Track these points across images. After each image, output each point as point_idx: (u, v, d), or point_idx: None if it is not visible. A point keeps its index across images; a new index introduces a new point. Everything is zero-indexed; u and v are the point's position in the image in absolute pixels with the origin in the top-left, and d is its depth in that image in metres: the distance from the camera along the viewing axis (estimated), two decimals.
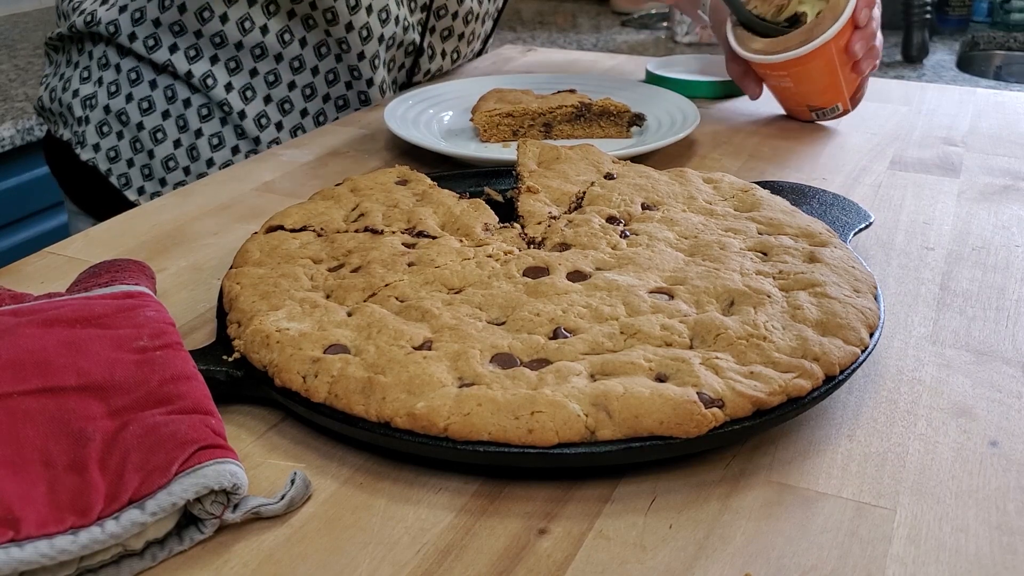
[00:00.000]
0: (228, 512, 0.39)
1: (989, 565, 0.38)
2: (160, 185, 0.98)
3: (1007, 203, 0.74)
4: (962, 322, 0.56)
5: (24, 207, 1.69)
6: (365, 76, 1.00)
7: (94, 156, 0.98)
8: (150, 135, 0.96)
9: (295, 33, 0.95)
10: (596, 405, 0.42)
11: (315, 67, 0.98)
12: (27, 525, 0.35)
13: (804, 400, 0.44)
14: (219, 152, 0.97)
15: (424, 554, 0.39)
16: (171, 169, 0.97)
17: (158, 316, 0.48)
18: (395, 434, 0.42)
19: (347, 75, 0.99)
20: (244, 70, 0.96)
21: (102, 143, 0.98)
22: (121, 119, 0.97)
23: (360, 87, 1.01)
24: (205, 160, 0.97)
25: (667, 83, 1.02)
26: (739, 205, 0.63)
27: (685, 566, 0.38)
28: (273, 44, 0.95)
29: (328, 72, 0.98)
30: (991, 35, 2.18)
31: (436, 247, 0.56)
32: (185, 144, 0.97)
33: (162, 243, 0.68)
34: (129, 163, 0.98)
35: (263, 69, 0.96)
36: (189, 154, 0.97)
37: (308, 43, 0.96)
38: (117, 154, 0.98)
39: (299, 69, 0.97)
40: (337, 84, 0.99)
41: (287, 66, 0.97)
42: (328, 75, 0.99)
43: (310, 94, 0.98)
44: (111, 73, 0.97)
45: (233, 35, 0.94)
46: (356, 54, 0.98)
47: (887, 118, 0.95)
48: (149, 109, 0.96)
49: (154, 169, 0.98)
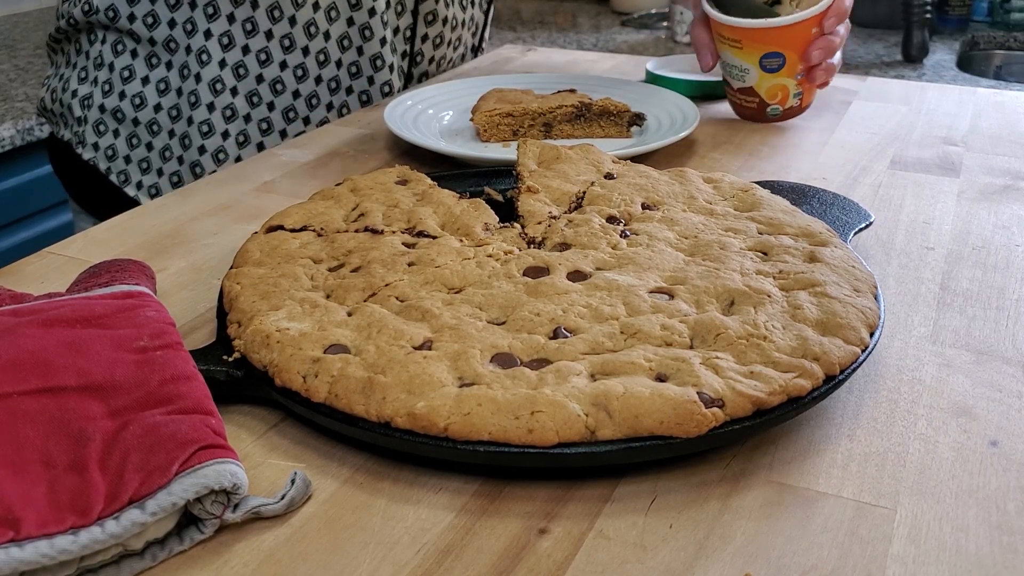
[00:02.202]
0: (228, 512, 0.39)
1: (989, 565, 0.38)
2: (157, 176, 0.99)
3: (1007, 203, 0.74)
4: (962, 322, 0.56)
5: (25, 207, 1.69)
6: (369, 53, 0.99)
7: (94, 155, 0.99)
8: (146, 128, 0.97)
9: (284, 11, 0.95)
10: (596, 405, 0.42)
11: (305, 47, 0.97)
12: (27, 525, 0.35)
13: (804, 400, 0.44)
14: (209, 139, 0.97)
15: (424, 554, 0.39)
16: (167, 159, 0.98)
17: (158, 316, 0.48)
18: (395, 434, 0.42)
19: (337, 53, 0.99)
20: (236, 46, 0.96)
21: (100, 142, 0.99)
22: (116, 116, 0.98)
23: (357, 69, 1.00)
24: (196, 147, 0.98)
25: (667, 83, 1.02)
26: (739, 205, 0.63)
27: (685, 566, 0.38)
28: (264, 21, 0.95)
29: (319, 53, 0.98)
30: (991, 35, 2.18)
31: (436, 247, 0.56)
32: (178, 133, 0.97)
33: (162, 243, 0.68)
34: (127, 159, 0.99)
35: (255, 47, 0.96)
36: (182, 143, 0.97)
37: (297, 21, 0.96)
38: (115, 152, 0.99)
39: (290, 48, 0.97)
40: (328, 65, 0.99)
41: (278, 45, 0.97)
42: (319, 55, 0.98)
43: (301, 75, 0.98)
44: (104, 72, 0.98)
45: (225, 7, 0.94)
46: (350, 26, 0.97)
47: (887, 118, 0.95)
48: (141, 105, 0.97)
49: (151, 162, 0.99)
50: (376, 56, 1.00)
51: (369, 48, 1.00)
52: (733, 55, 0.89)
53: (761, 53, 0.87)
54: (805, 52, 0.86)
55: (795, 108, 0.92)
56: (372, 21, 0.98)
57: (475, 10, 1.14)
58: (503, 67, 1.18)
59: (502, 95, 0.91)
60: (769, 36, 0.86)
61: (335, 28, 0.97)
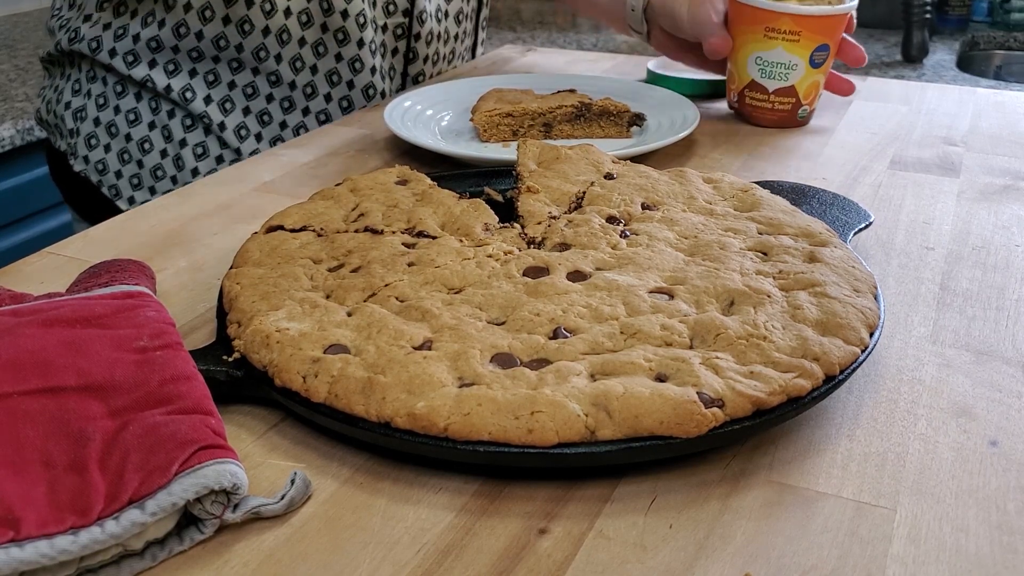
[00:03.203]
0: (228, 512, 0.39)
1: (989, 565, 0.38)
2: (150, 194, 0.99)
3: (1007, 203, 0.74)
4: (962, 322, 0.56)
5: (24, 207, 1.69)
6: (351, 84, 0.99)
7: (85, 167, 1.00)
8: (137, 146, 0.97)
9: (270, 50, 0.95)
10: (596, 405, 0.42)
11: (292, 82, 0.98)
12: (27, 525, 0.35)
13: (804, 400, 0.44)
14: (203, 161, 0.98)
15: (424, 554, 0.39)
16: (159, 178, 0.98)
17: (158, 316, 0.48)
18: (395, 434, 0.42)
19: (326, 87, 0.99)
20: (222, 83, 0.96)
21: (91, 155, 0.99)
22: (110, 131, 0.98)
23: (344, 94, 1.01)
24: (190, 169, 0.98)
25: (667, 83, 1.02)
26: (739, 205, 0.63)
27: (685, 566, 0.38)
28: (248, 59, 0.95)
29: (306, 86, 0.99)
30: (991, 35, 2.18)
31: (436, 247, 0.56)
32: (171, 154, 0.97)
33: (162, 243, 0.68)
34: (118, 174, 0.99)
35: (241, 82, 0.96)
36: (175, 163, 0.98)
37: (283, 58, 0.96)
38: (105, 166, 0.99)
39: (276, 83, 0.97)
40: (316, 98, 0.99)
41: (264, 79, 0.97)
42: (306, 88, 0.99)
43: (288, 107, 0.99)
44: (99, 86, 0.98)
45: (209, 50, 0.94)
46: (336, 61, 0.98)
47: (887, 118, 0.95)
48: (136, 121, 0.97)
49: (143, 179, 0.99)
50: (354, 59, 1.00)
51: (347, 52, 0.99)
52: (784, 50, 0.86)
53: (815, 45, 0.85)
54: (852, 52, 0.86)
55: (814, 110, 0.91)
56: (347, 24, 0.98)
57: (468, 24, 1.14)
58: (502, 67, 1.18)
59: (502, 95, 0.91)
60: (828, 25, 0.84)
61: (323, 63, 0.98)
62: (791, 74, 0.87)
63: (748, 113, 0.92)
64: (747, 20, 0.87)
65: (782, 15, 0.85)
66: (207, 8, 0.92)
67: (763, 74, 0.89)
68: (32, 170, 1.68)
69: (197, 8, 0.92)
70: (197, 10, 0.92)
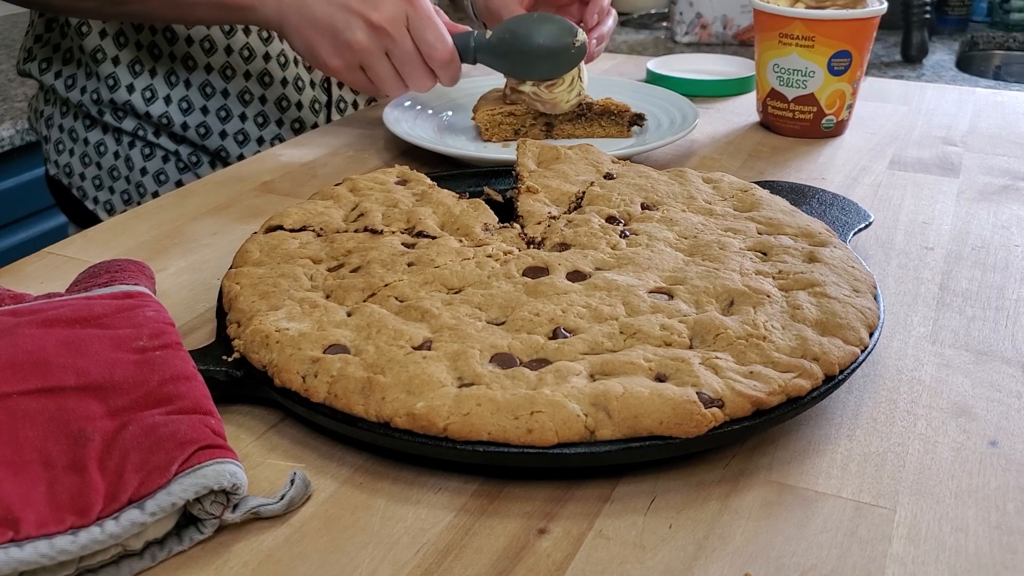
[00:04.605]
0: (228, 512, 0.39)
1: (989, 565, 0.38)
2: (110, 193, 1.02)
3: (1006, 203, 0.74)
4: (962, 322, 0.56)
5: (24, 207, 1.69)
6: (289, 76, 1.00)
7: (57, 171, 1.04)
8: (94, 148, 1.01)
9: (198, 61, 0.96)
10: (596, 405, 0.42)
11: (224, 90, 0.99)
12: (27, 525, 0.35)
13: (804, 400, 0.44)
14: (151, 161, 1.00)
15: (424, 554, 0.39)
16: (115, 178, 1.01)
17: (158, 316, 0.48)
18: (395, 434, 0.42)
19: (260, 89, 1.00)
20: (180, 83, 0.97)
21: (59, 159, 1.03)
22: (71, 136, 1.01)
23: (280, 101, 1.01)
24: (139, 169, 1.00)
25: (667, 83, 1.02)
26: (739, 205, 0.63)
27: (685, 566, 0.38)
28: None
29: (257, 116, 0.99)
30: (990, 35, 2.18)
31: (436, 247, 0.56)
32: (123, 155, 1.00)
33: (162, 243, 0.68)
34: (82, 176, 1.03)
35: (196, 81, 0.97)
36: (127, 164, 1.00)
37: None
38: (71, 169, 1.03)
39: (211, 95, 0.98)
40: (252, 103, 0.99)
41: (198, 92, 0.98)
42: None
43: (225, 116, 0.99)
44: (62, 93, 1.01)
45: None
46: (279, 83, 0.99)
47: (887, 118, 0.95)
48: (92, 125, 1.00)
49: (103, 179, 1.02)
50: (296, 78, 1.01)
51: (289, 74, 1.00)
52: (800, 56, 0.84)
53: (832, 51, 0.83)
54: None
55: (844, 121, 0.88)
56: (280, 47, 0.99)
57: None
58: None
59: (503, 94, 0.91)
60: (845, 30, 0.82)
61: (253, 66, 0.98)
62: (809, 81, 0.85)
63: (771, 123, 0.90)
64: (764, 26, 0.87)
65: (793, 19, 0.83)
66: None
67: (781, 82, 0.87)
68: (31, 170, 1.68)
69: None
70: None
